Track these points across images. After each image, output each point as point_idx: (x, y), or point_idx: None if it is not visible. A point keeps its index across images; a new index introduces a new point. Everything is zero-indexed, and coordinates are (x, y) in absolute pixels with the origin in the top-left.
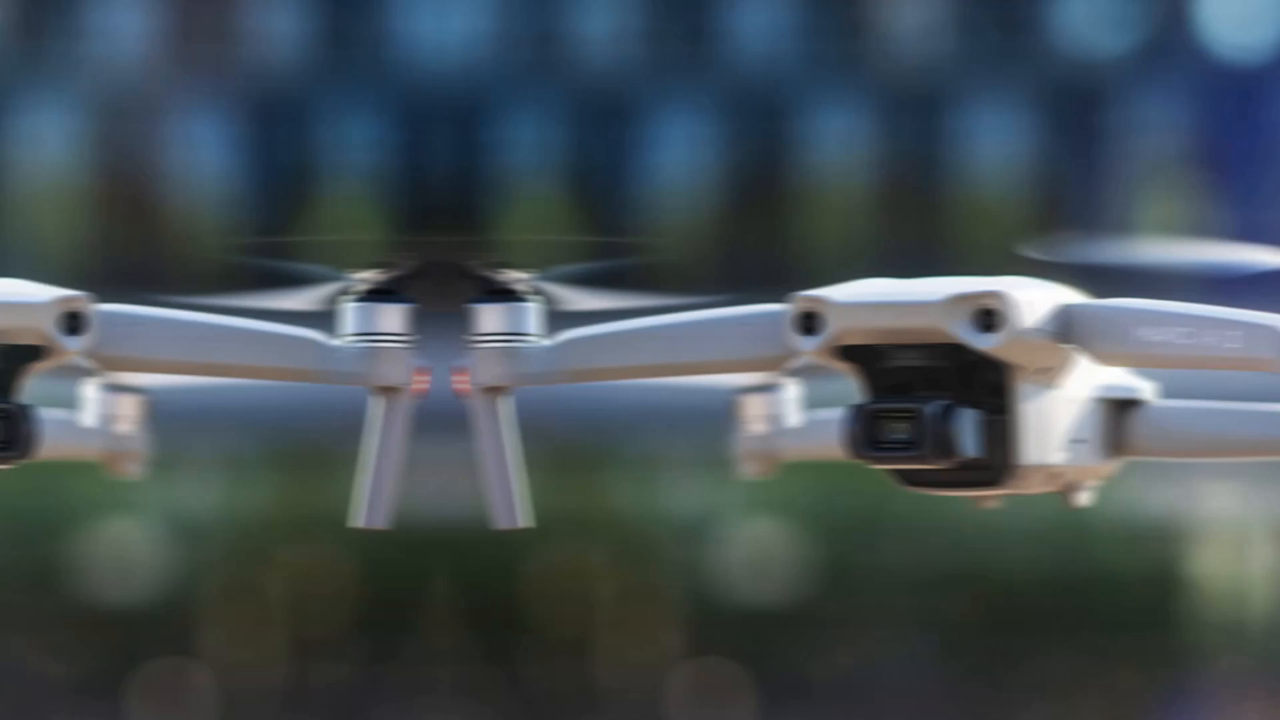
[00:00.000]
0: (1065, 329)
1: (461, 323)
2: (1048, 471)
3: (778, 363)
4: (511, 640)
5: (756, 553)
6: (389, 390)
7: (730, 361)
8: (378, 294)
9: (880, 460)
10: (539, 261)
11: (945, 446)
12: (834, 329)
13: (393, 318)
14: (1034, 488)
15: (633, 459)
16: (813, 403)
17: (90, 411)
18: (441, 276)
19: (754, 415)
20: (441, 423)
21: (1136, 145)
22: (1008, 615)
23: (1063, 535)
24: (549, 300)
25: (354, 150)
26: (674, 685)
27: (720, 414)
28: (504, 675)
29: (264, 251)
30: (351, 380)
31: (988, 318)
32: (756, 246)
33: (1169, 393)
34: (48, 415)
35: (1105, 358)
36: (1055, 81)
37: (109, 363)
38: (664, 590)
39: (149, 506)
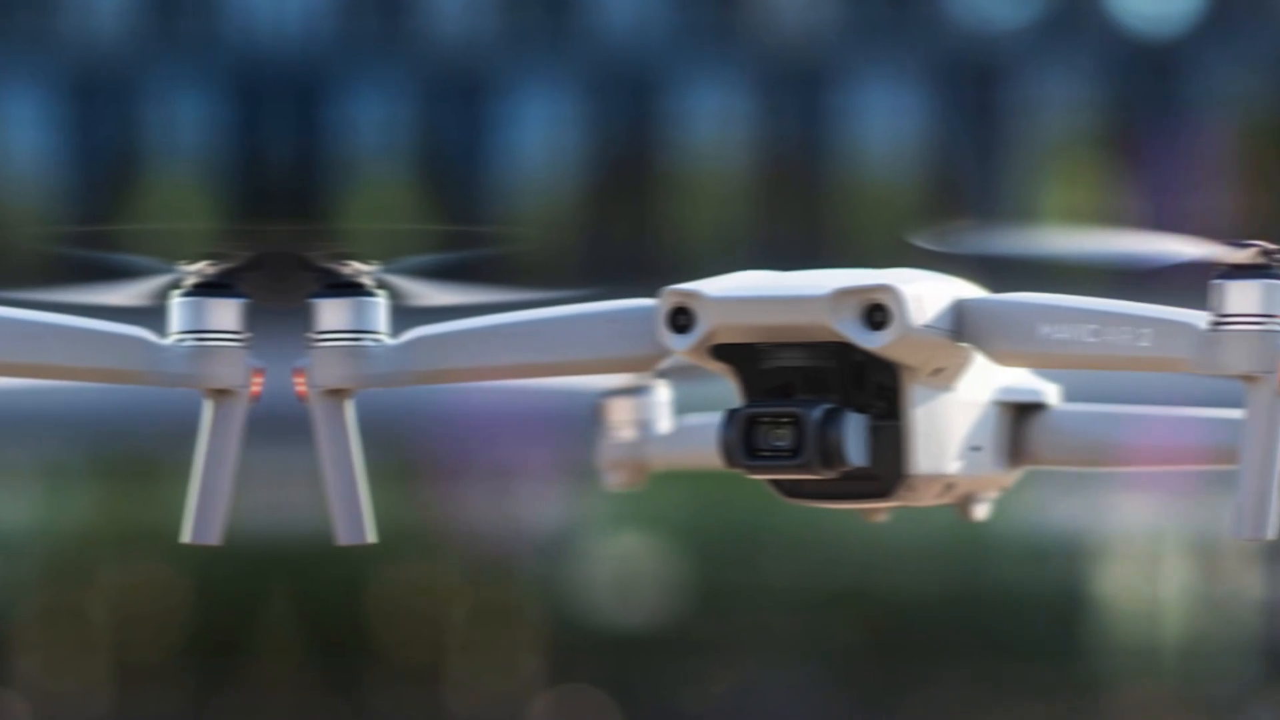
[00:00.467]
0: (961, 326)
1: (301, 319)
2: (942, 482)
3: (647, 363)
4: (356, 666)
5: (623, 571)
6: (222, 393)
7: (595, 361)
8: (209, 288)
9: (759, 470)
10: (385, 252)
11: (830, 454)
12: (708, 326)
13: (226, 314)
14: (927, 499)
15: (488, 469)
16: (685, 407)
17: None
18: (279, 268)
19: (621, 421)
20: (279, 429)
21: (1039, 125)
22: (898, 639)
23: (958, 552)
24: (396, 295)
25: (183, 130)
26: (534, 715)
27: (584, 420)
28: (348, 704)
29: (85, 241)
30: (181, 382)
31: (876, 314)
32: (624, 235)
33: (1074, 396)
34: None
35: (1005, 358)
36: (950, 55)
37: None
38: (522, 611)
39: None
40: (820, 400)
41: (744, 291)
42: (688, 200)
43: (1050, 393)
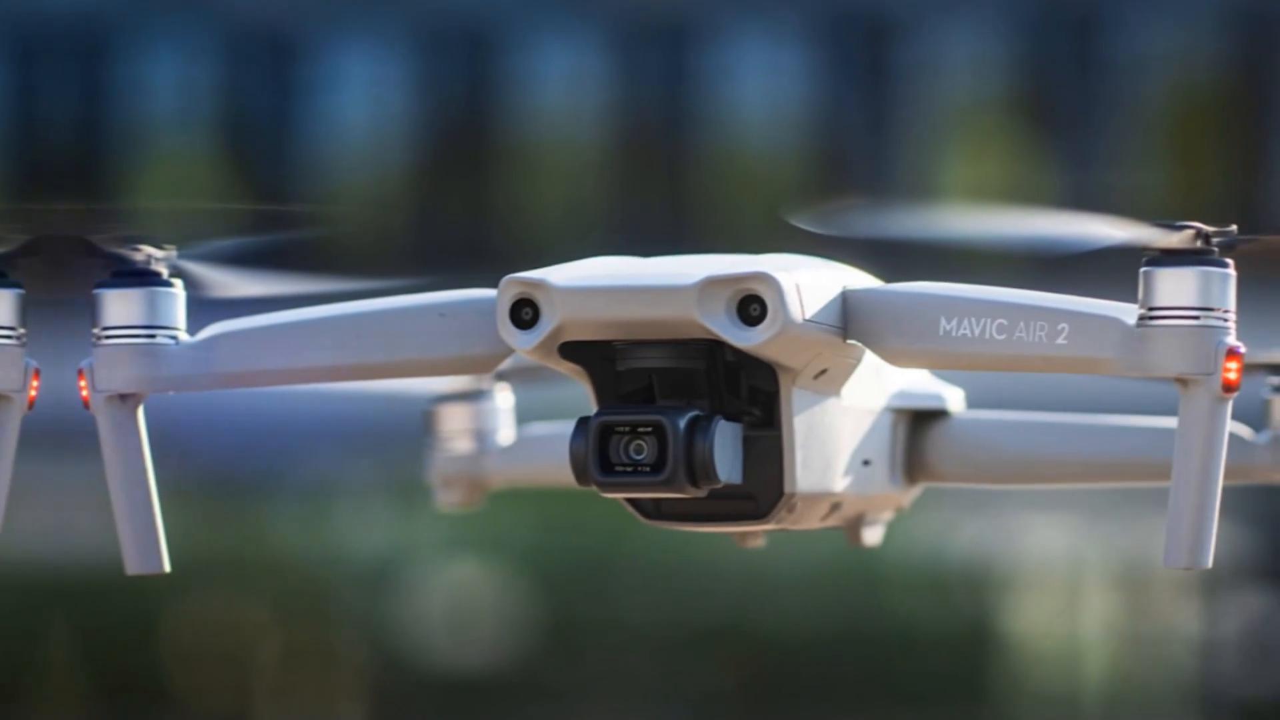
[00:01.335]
0: (849, 321)
1: (85, 313)
2: (827, 501)
3: (485, 364)
4: (150, 712)
5: (459, 604)
6: None
7: (425, 362)
8: None
9: (615, 487)
10: (182, 235)
11: (697, 470)
12: (555, 321)
13: None
14: (810, 522)
15: (301, 486)
16: (529, 415)
17: None
18: (59, 254)
19: (455, 431)
20: (59, 439)
21: (939, 88)
22: (778, 682)
23: (847, 582)
24: (195, 284)
25: None
26: None
27: (412, 430)
28: None
29: None
30: None
31: (751, 307)
32: (459, 215)
33: (979, 402)
34: None
35: (900, 357)
36: (836, 7)
37: None
38: (340, 650)
39: None
40: (686, 407)
41: (597, 281)
42: (533, 175)
43: (952, 398)
